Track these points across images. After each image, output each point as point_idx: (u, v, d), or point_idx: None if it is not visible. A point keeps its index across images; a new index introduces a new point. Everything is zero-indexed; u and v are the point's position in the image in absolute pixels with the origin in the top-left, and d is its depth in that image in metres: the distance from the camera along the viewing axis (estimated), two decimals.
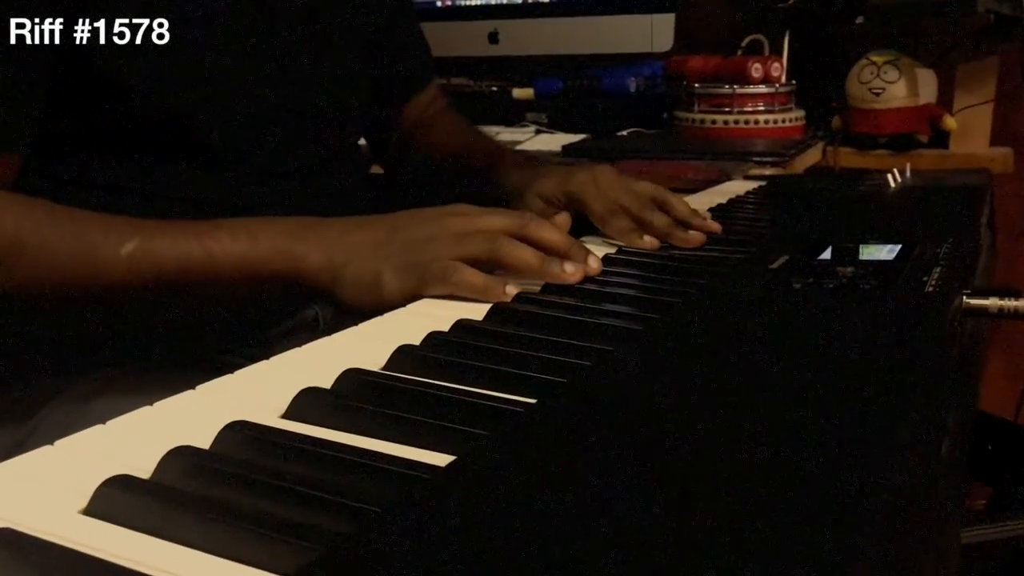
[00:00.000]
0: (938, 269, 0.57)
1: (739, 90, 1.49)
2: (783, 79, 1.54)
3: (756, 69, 1.49)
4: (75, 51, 0.64)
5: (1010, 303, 0.55)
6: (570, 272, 0.59)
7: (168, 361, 0.69)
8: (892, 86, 1.47)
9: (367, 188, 0.93)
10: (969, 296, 0.55)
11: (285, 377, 0.42)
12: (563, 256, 0.61)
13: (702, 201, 0.96)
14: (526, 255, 0.59)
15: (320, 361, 0.45)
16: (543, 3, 1.70)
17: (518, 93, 1.70)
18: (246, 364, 0.45)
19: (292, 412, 0.39)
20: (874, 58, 1.49)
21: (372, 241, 0.60)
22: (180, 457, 0.33)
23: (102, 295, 0.59)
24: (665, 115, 1.62)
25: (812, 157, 1.47)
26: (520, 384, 0.42)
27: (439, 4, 1.77)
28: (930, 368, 0.44)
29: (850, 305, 0.51)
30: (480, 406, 0.39)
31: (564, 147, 1.41)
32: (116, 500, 0.30)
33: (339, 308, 0.61)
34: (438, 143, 0.99)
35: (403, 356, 0.45)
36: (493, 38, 1.74)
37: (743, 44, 1.68)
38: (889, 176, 0.97)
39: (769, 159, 1.27)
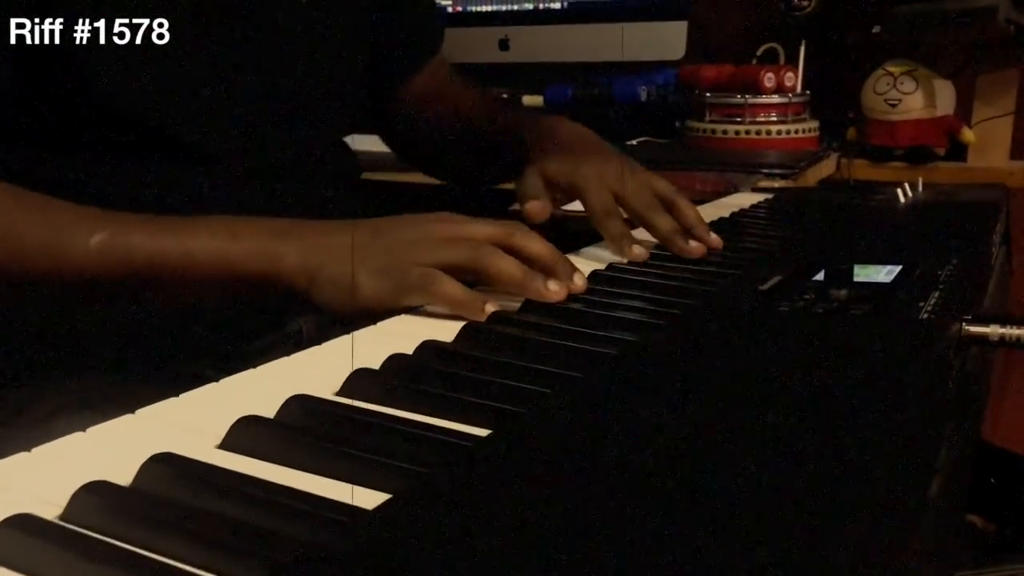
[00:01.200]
0: (937, 293, 0.54)
1: (751, 100, 1.46)
2: (797, 89, 1.50)
3: (769, 78, 1.46)
4: (39, 49, 0.63)
5: (1012, 331, 0.51)
6: (553, 290, 0.57)
7: (140, 376, 0.67)
8: (909, 97, 1.44)
9: (356, 188, 0.91)
10: (969, 323, 0.52)
11: (231, 402, 0.40)
12: (548, 270, 0.59)
13: (705, 214, 0.93)
14: (510, 267, 0.57)
15: (271, 384, 0.43)
16: (555, 10, 1.68)
17: (528, 100, 1.68)
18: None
19: (228, 442, 0.37)
20: (891, 68, 1.46)
21: (351, 243, 0.58)
22: (93, 494, 0.31)
23: (69, 288, 0.58)
24: (677, 124, 1.59)
25: (826, 169, 1.44)
26: (475, 414, 0.39)
27: (449, 9, 1.76)
28: (919, 402, 0.42)
29: (837, 333, 0.48)
30: (426, 439, 0.37)
31: None
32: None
33: (319, 311, 0.59)
34: (447, 114, 0.97)
35: (358, 380, 0.43)
36: (504, 45, 1.72)
37: (758, 53, 1.66)
38: (899, 191, 0.94)
39: (779, 171, 1.24)
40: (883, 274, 0.59)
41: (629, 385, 0.42)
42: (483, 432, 0.37)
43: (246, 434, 0.36)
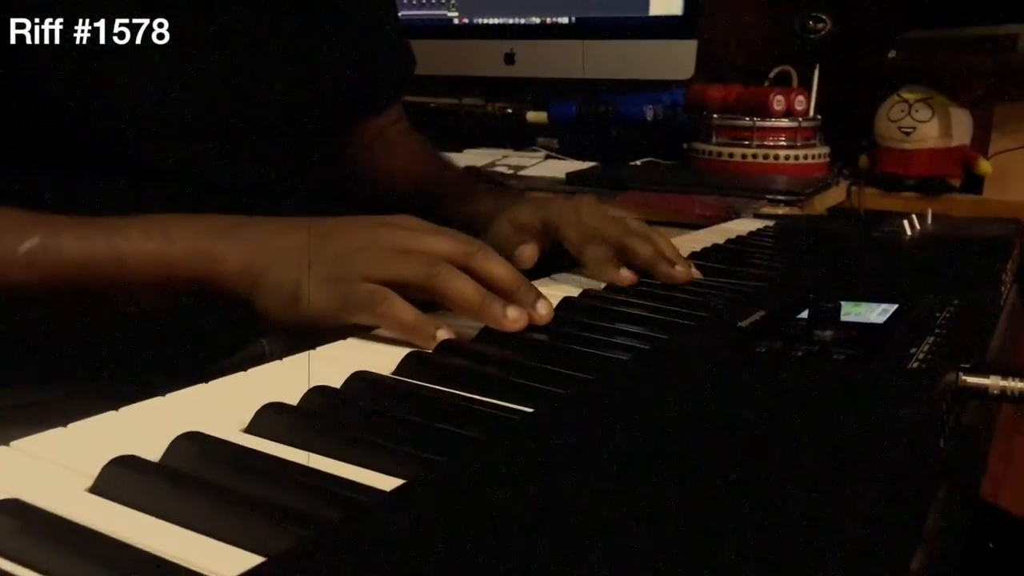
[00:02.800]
0: (932, 338, 0.49)
1: (759, 123, 1.41)
2: (808, 113, 1.45)
3: (779, 101, 1.41)
4: None
5: (1016, 384, 0.46)
6: (511, 318, 0.52)
7: (70, 390, 0.63)
8: (924, 125, 1.39)
9: (339, 210, 0.87)
10: (967, 372, 0.47)
11: (111, 439, 0.35)
12: (509, 296, 0.54)
13: (698, 240, 0.88)
14: (466, 289, 0.52)
15: (171, 417, 0.38)
16: (562, 25, 1.64)
17: (532, 116, 1.64)
18: None
19: (98, 486, 0.32)
20: (906, 95, 1.41)
21: (298, 245, 0.54)
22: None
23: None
24: (685, 146, 1.55)
25: (835, 197, 1.39)
26: (392, 462, 0.34)
27: (455, 22, 1.72)
28: (903, 463, 0.37)
29: (814, 381, 0.43)
30: (327, 491, 0.32)
31: (569, 174, 1.34)
32: None
33: (265, 322, 0.54)
34: (398, 168, 0.92)
35: (266, 418, 0.38)
36: (509, 59, 1.68)
37: (771, 75, 1.61)
38: (905, 222, 0.89)
39: (783, 197, 1.19)
40: (876, 313, 0.54)
41: (574, 432, 0.37)
42: (392, 484, 0.32)
43: (116, 478, 0.32)
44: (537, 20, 1.66)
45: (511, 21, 1.68)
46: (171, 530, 0.30)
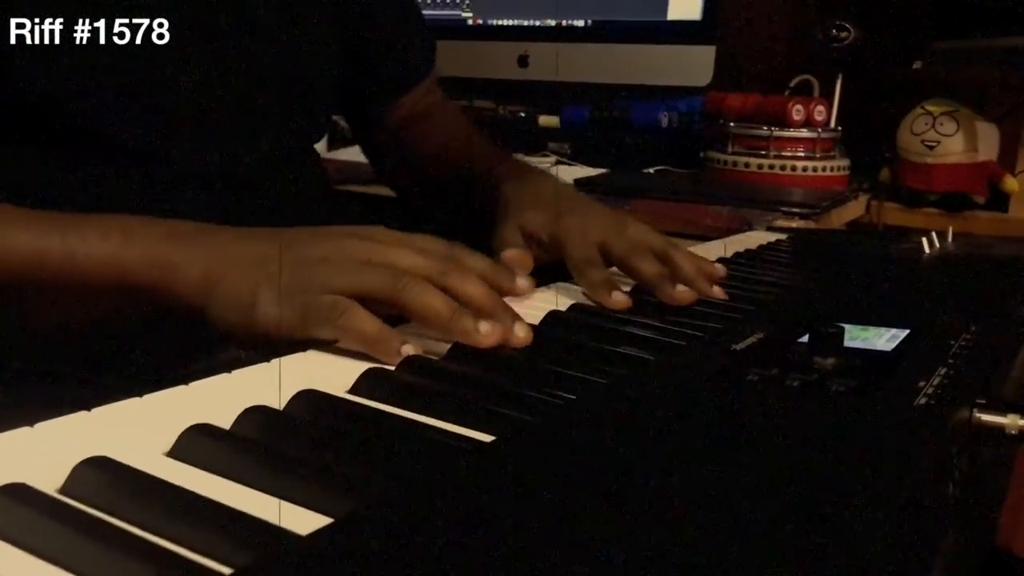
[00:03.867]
0: (944, 369, 0.44)
1: (777, 132, 1.37)
2: (828, 123, 1.41)
3: (798, 111, 1.36)
4: None
5: None
6: (484, 332, 0.48)
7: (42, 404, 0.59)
8: (948, 139, 1.34)
9: (322, 200, 0.83)
10: (982, 409, 0.42)
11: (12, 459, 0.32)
12: (483, 316, 0.50)
13: (705, 252, 0.83)
14: (435, 302, 0.48)
15: (88, 435, 0.34)
16: (578, 27, 1.60)
17: (544, 121, 1.60)
18: None
19: None
20: (930, 107, 1.36)
21: (258, 255, 0.50)
22: None
23: None
24: (701, 155, 1.50)
25: (854, 211, 1.34)
26: (316, 497, 0.30)
27: (469, 23, 1.68)
28: (905, 509, 0.32)
29: (808, 415, 0.38)
30: (176, 558, 0.28)
31: (577, 180, 1.29)
32: None
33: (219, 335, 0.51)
34: (430, 142, 0.89)
35: (191, 441, 0.34)
36: (523, 61, 1.64)
37: (792, 84, 1.56)
38: (924, 240, 0.84)
39: (799, 210, 1.15)
40: (884, 340, 0.50)
41: (527, 468, 0.33)
42: (315, 524, 0.28)
43: (8, 511, 0.28)
44: (552, 22, 1.62)
45: (526, 23, 1.64)
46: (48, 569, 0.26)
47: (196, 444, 0.34)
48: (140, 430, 0.35)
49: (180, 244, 0.51)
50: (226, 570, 0.26)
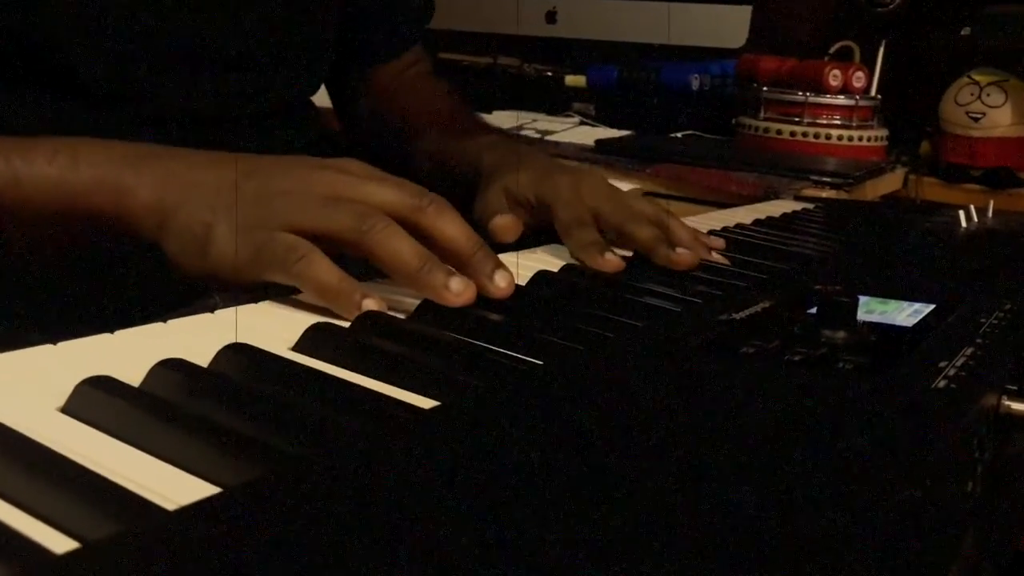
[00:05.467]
0: (970, 349, 0.39)
1: (812, 98, 1.29)
2: (867, 91, 1.33)
3: (835, 76, 1.29)
4: None
5: None
6: (454, 290, 0.43)
7: None
8: (995, 111, 1.26)
9: (317, 154, 0.79)
10: (1012, 396, 0.37)
11: None
12: (462, 263, 0.45)
13: (720, 219, 0.78)
14: (402, 249, 0.43)
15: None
16: None
17: (570, 80, 1.54)
18: None
19: None
20: (977, 77, 1.28)
21: (217, 183, 0.45)
22: None
23: None
24: (733, 121, 1.43)
25: (890, 184, 1.27)
26: (215, 466, 0.26)
27: None
28: (918, 507, 0.27)
29: (810, 395, 0.33)
30: (104, 498, 0.23)
31: (598, 141, 1.24)
32: None
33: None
34: (408, 111, 0.84)
35: (84, 396, 0.30)
36: (551, 17, 1.58)
37: (831, 51, 1.48)
38: (961, 213, 0.78)
39: (830, 180, 1.08)
40: (905, 314, 0.44)
41: (469, 440, 0.28)
42: (204, 492, 0.24)
43: None
44: None
45: None
46: None
47: (90, 399, 0.30)
48: (37, 383, 0.31)
49: (133, 167, 0.47)
50: (72, 543, 0.22)
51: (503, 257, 0.57)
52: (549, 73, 1.62)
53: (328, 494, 0.24)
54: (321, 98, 0.84)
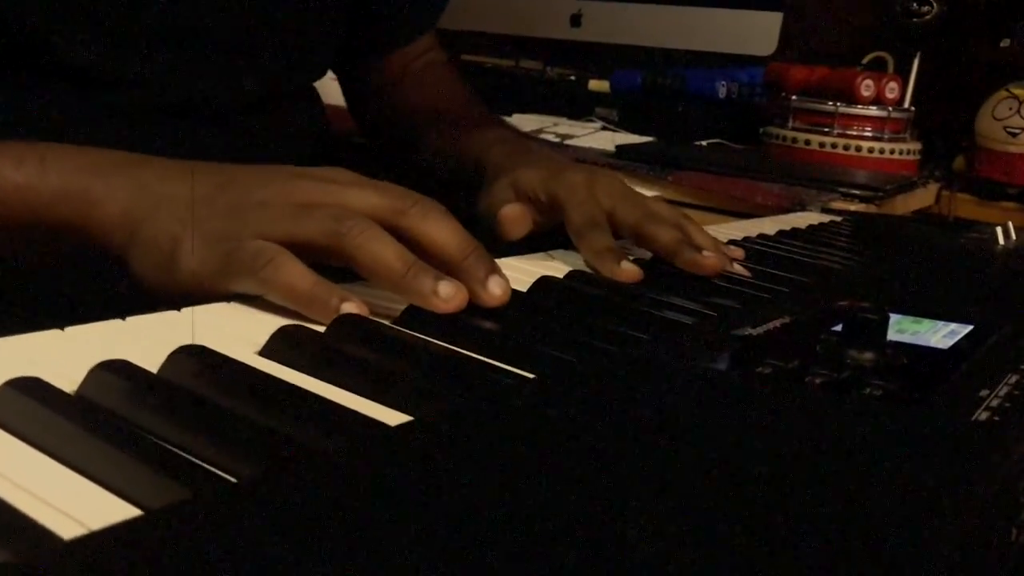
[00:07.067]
0: (1015, 377, 0.34)
1: (843, 108, 1.25)
2: (902, 103, 1.29)
3: (867, 86, 1.24)
4: None
5: None
6: (443, 295, 0.39)
7: None
8: None
9: (316, 144, 0.75)
10: None
11: None
12: (452, 267, 0.41)
13: (742, 228, 0.74)
14: (385, 252, 0.40)
15: None
16: None
17: (594, 85, 1.49)
18: None
19: None
20: (1016, 91, 1.23)
21: (188, 195, 0.42)
22: None
23: None
24: (761, 130, 1.39)
25: (922, 200, 1.22)
26: (116, 478, 0.22)
27: None
28: (948, 560, 0.23)
29: (831, 423, 0.29)
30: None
31: (619, 147, 1.20)
32: None
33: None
34: (417, 99, 0.80)
35: (4, 398, 0.26)
36: (576, 20, 1.54)
37: (864, 61, 1.44)
38: (999, 229, 0.74)
39: (859, 193, 1.04)
40: (941, 335, 0.40)
41: (420, 466, 0.24)
42: (108, 520, 0.20)
43: None
44: None
45: None
46: None
47: (12, 404, 0.26)
48: None
49: (102, 176, 0.44)
50: None
51: (508, 262, 0.53)
52: (572, 77, 1.58)
53: (255, 526, 0.20)
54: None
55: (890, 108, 1.26)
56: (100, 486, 0.23)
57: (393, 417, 0.29)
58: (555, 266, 0.53)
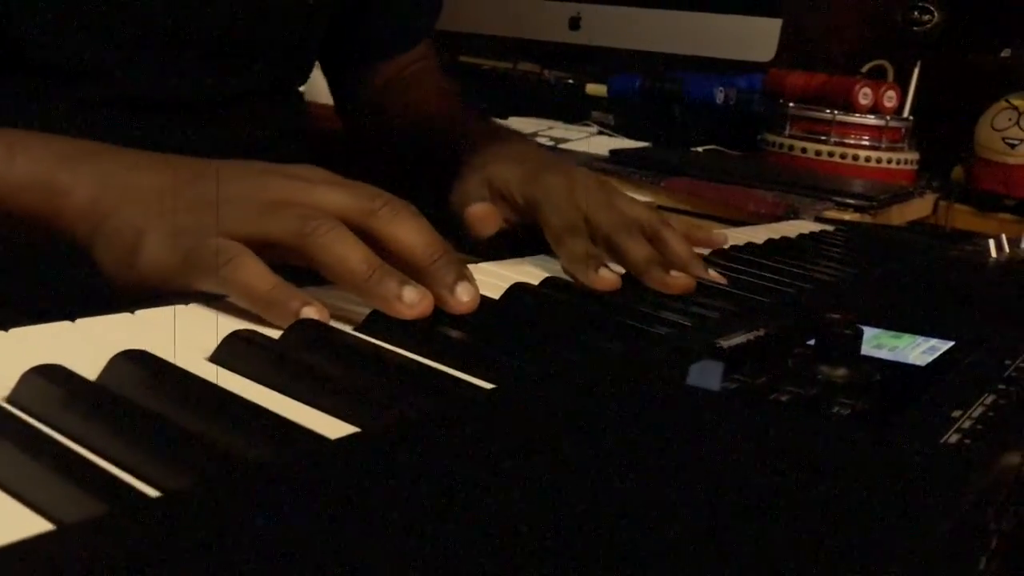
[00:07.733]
0: (992, 397, 0.33)
1: (840, 116, 1.24)
2: (900, 112, 1.27)
3: (865, 94, 1.23)
4: None
5: None
6: (407, 301, 0.38)
7: None
8: None
9: (298, 145, 0.74)
10: None
11: None
12: (420, 271, 0.40)
13: (733, 237, 0.73)
14: (351, 255, 0.38)
15: None
16: None
17: (591, 89, 1.48)
18: None
19: None
20: (1015, 102, 1.22)
21: (158, 187, 0.41)
22: None
23: None
24: (758, 137, 1.38)
25: (918, 210, 1.21)
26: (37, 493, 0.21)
27: None
28: None
29: (796, 443, 0.28)
30: None
31: (613, 152, 1.19)
32: None
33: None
34: (407, 106, 0.79)
35: None
36: (574, 23, 1.53)
37: (863, 69, 1.43)
38: (991, 242, 0.72)
39: (853, 202, 1.02)
40: (920, 351, 0.39)
41: (354, 482, 0.23)
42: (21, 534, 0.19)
43: None
44: None
45: None
46: None
47: None
48: None
49: (70, 165, 0.43)
50: None
51: (482, 268, 0.52)
52: (570, 80, 1.57)
53: (170, 543, 0.19)
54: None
55: (888, 117, 1.25)
56: (13, 498, 0.22)
57: (338, 428, 0.28)
58: (532, 272, 0.52)
